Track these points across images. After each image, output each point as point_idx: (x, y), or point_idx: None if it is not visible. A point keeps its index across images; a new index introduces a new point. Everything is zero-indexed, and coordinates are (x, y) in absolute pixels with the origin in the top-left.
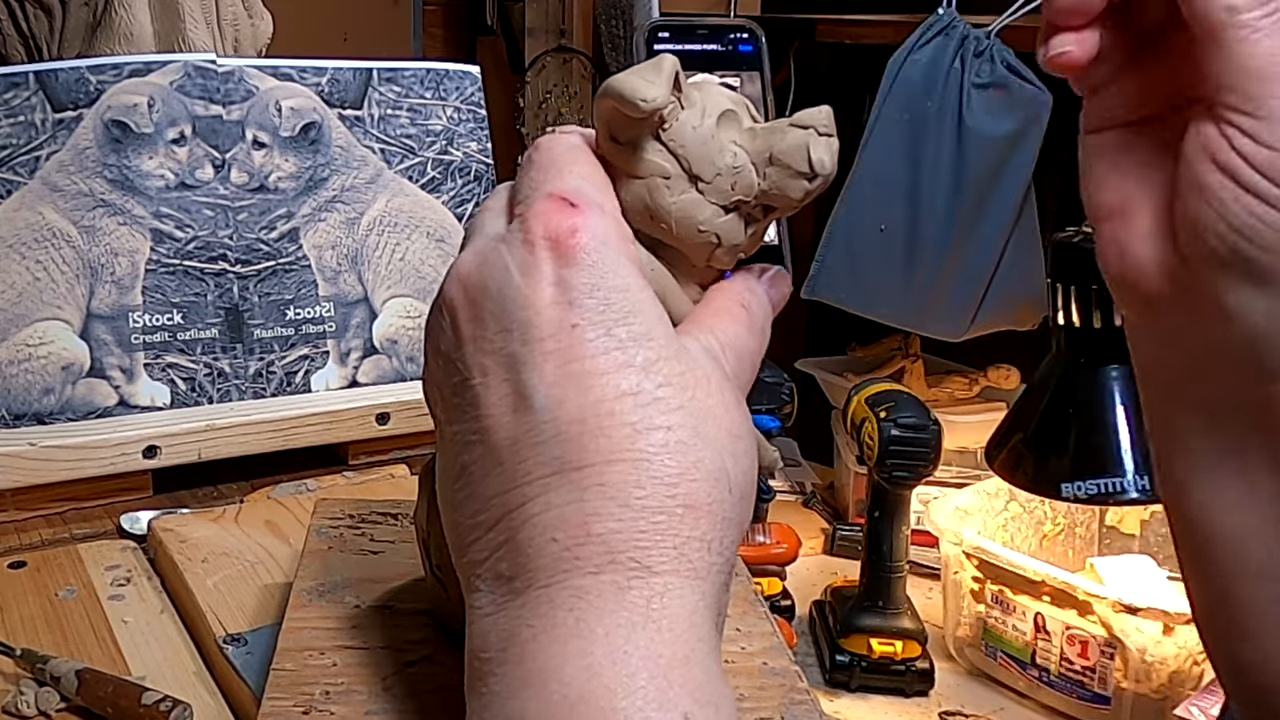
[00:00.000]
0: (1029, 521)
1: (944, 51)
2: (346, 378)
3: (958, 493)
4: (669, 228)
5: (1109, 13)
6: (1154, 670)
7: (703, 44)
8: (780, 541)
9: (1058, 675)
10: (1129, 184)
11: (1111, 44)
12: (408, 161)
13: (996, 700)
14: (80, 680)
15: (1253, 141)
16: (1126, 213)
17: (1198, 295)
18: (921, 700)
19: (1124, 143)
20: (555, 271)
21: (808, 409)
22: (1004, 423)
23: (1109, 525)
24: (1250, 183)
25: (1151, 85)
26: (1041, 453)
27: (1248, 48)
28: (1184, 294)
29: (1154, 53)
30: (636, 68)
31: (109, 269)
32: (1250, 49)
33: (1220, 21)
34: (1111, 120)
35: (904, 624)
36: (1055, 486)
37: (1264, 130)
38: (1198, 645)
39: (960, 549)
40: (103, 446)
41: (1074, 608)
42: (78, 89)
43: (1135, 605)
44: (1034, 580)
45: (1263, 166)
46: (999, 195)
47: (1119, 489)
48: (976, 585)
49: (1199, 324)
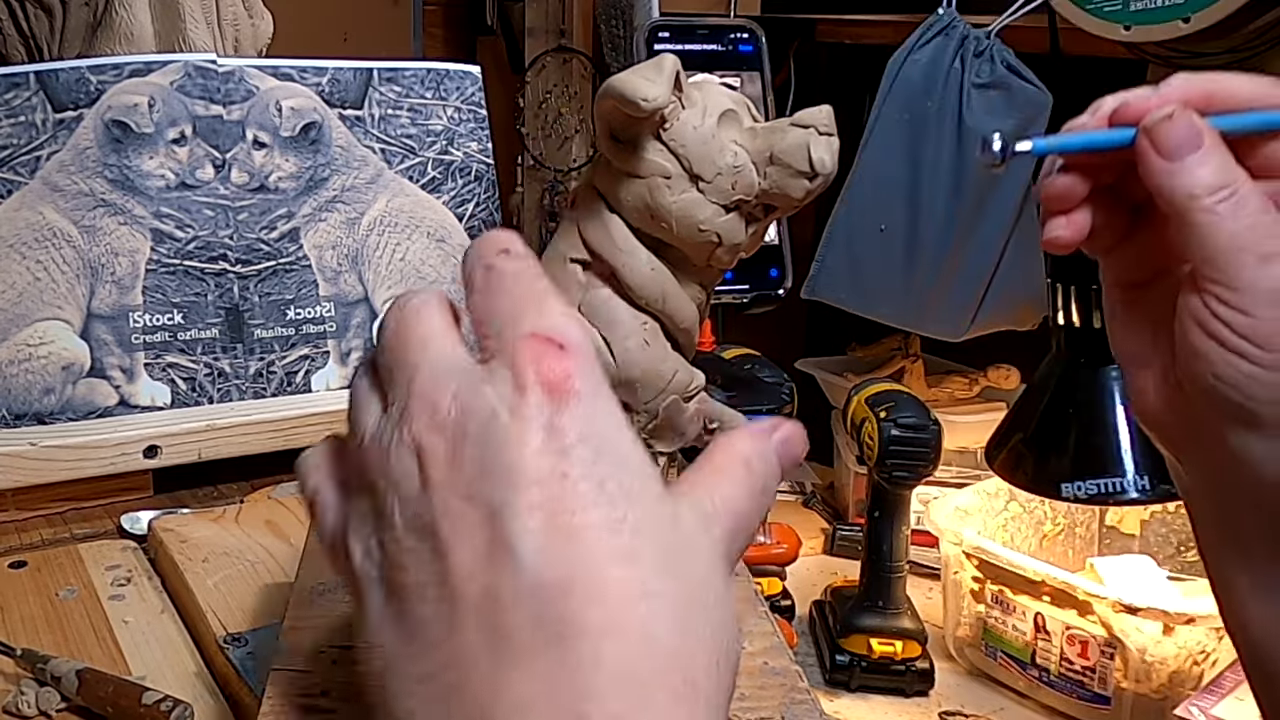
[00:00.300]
0: (1029, 521)
1: (944, 51)
2: (347, 378)
3: (958, 493)
4: (669, 227)
5: (1102, 192)
6: (1154, 670)
7: (703, 44)
8: (780, 541)
9: (1058, 675)
10: (1144, 336)
11: (1108, 218)
12: (408, 161)
13: (996, 700)
14: (81, 680)
15: (1229, 309)
16: (1145, 362)
17: (1210, 438)
18: (921, 700)
19: (1136, 299)
20: (547, 417)
21: (808, 409)
22: (1004, 423)
23: (1109, 525)
24: (1233, 345)
25: (1149, 251)
26: (1041, 453)
27: (1213, 228)
28: (1200, 436)
29: (1148, 223)
30: (637, 67)
31: (109, 269)
32: (1215, 229)
33: (1186, 206)
34: (1122, 280)
35: (904, 624)
36: (1055, 486)
37: (1238, 299)
38: (1198, 645)
39: (960, 549)
40: (103, 446)
41: (1074, 608)
42: (78, 89)
43: (1135, 605)
44: (1034, 580)
45: (1242, 330)
46: (999, 195)
47: (1119, 489)
48: (976, 585)
49: (1216, 463)
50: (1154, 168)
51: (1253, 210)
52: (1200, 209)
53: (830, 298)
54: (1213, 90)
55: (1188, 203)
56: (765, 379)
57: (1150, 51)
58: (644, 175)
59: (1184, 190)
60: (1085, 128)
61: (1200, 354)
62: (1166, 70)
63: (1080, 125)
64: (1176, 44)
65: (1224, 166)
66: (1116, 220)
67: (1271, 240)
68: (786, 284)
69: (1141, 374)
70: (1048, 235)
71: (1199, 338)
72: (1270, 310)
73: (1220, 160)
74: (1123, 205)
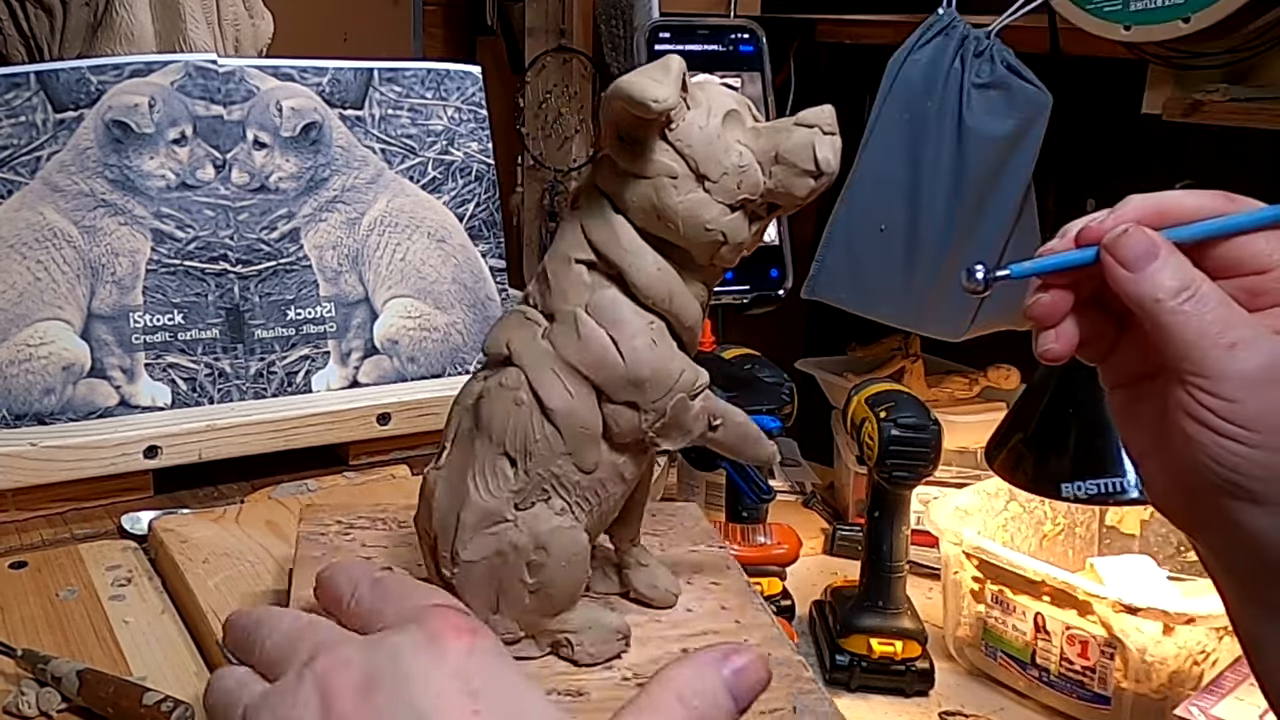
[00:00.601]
0: (1029, 521)
1: (944, 51)
2: (347, 378)
3: (958, 493)
4: (676, 227)
5: (1086, 306)
6: (1154, 670)
7: (703, 44)
8: (780, 542)
9: (1058, 675)
10: (1146, 430)
11: (1096, 328)
12: (409, 161)
13: (996, 700)
14: (81, 680)
15: (1210, 396)
16: (1151, 453)
17: (1217, 516)
18: (921, 700)
19: (1135, 397)
20: (459, 662)
21: (808, 409)
22: (1004, 423)
23: (1109, 525)
24: (1220, 429)
25: (1138, 353)
26: (1041, 453)
27: (1180, 326)
28: (1208, 515)
29: (1133, 328)
30: (644, 69)
31: (110, 269)
32: (1183, 326)
33: (1154, 309)
34: (1119, 381)
35: (904, 624)
36: (1055, 486)
37: (1215, 386)
38: (1198, 645)
39: (960, 549)
40: (103, 446)
41: (1074, 608)
42: (79, 89)
43: (1135, 605)
44: (1034, 580)
45: (1225, 415)
46: (999, 195)
47: (1119, 489)
48: (976, 585)
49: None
50: (1119, 278)
51: (1214, 305)
52: (1166, 310)
53: (830, 298)
54: (1162, 207)
55: (1154, 306)
56: (765, 379)
57: (1150, 51)
58: (650, 175)
59: (1149, 295)
60: (1055, 250)
61: (1194, 440)
62: (1166, 70)
63: (1051, 248)
64: (1176, 44)
65: (1181, 270)
66: (1104, 329)
67: (1234, 330)
68: (786, 284)
69: (1149, 464)
70: (1041, 350)
71: (1190, 425)
72: (1246, 393)
73: (1177, 265)
74: (1108, 316)
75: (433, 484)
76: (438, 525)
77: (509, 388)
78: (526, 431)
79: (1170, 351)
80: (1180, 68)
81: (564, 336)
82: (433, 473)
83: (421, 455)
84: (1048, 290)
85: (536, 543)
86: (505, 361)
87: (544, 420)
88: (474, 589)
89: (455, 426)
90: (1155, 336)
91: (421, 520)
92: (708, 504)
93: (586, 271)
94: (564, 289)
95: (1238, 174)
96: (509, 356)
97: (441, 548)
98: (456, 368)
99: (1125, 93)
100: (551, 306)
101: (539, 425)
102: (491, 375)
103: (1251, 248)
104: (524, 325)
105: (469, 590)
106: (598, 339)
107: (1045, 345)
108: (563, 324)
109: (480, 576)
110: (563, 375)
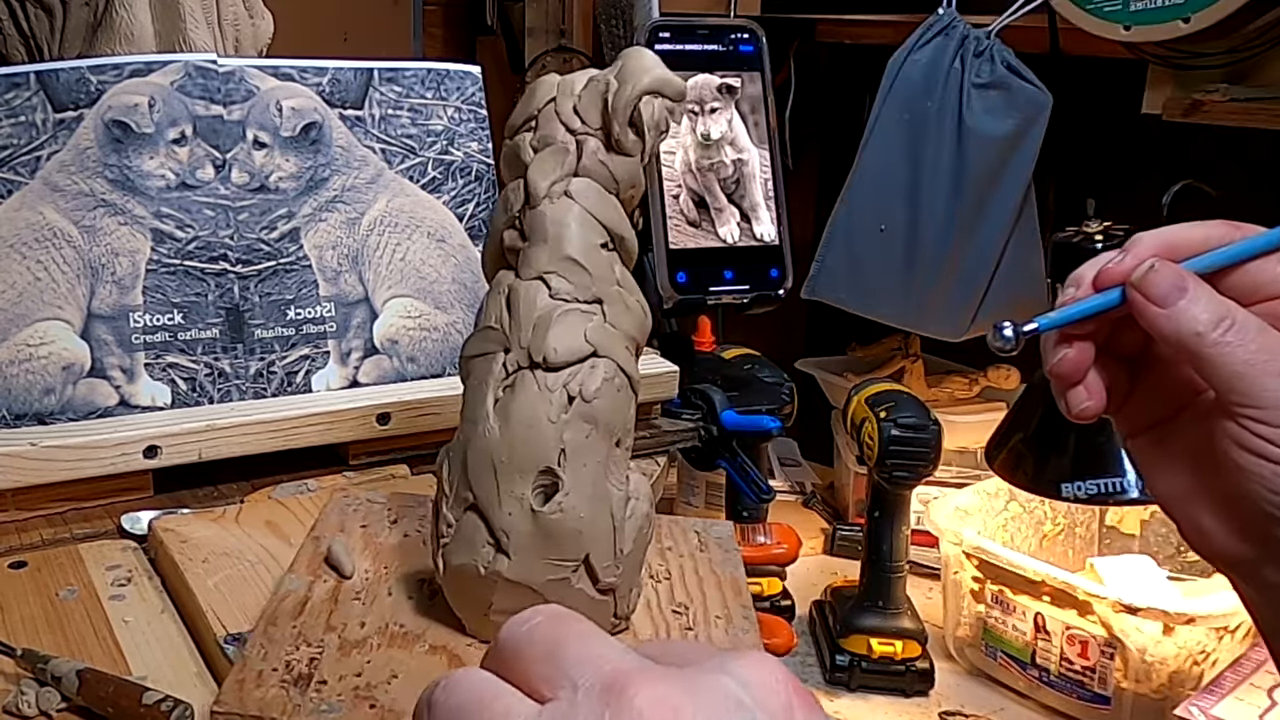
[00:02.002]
0: (1029, 521)
1: (944, 51)
2: (347, 378)
3: (958, 493)
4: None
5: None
6: (1154, 670)
7: (703, 44)
8: (780, 541)
9: (1058, 675)
10: (1182, 474)
11: (1110, 377)
12: (409, 161)
13: (996, 700)
14: (81, 680)
15: (1265, 426)
16: (1187, 496)
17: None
18: (921, 700)
19: (1159, 440)
20: None
21: (808, 409)
22: (1004, 423)
23: (1109, 525)
24: (1277, 456)
25: (1159, 394)
26: (1041, 453)
27: (1226, 358)
28: (1263, 550)
29: (1147, 370)
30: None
31: (110, 269)
32: (1229, 358)
33: (1195, 344)
34: (1141, 427)
35: (904, 624)
36: (1055, 486)
37: (1271, 415)
38: (1198, 645)
39: (960, 549)
40: (103, 446)
41: (1074, 608)
42: (78, 89)
43: (1135, 605)
44: (1034, 580)
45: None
46: (999, 195)
47: (1119, 489)
48: (976, 585)
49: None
50: (1152, 316)
51: (1255, 333)
52: (1208, 344)
53: (830, 298)
54: (1173, 241)
55: (1195, 340)
56: (765, 379)
57: (1150, 51)
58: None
59: (1188, 330)
60: (1075, 299)
61: (1250, 473)
62: (1166, 70)
63: (1070, 298)
64: (1176, 44)
65: (1213, 301)
66: (1117, 377)
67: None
68: (786, 284)
69: (1193, 510)
70: (1076, 410)
71: (1245, 458)
72: None
73: (1208, 297)
74: (1118, 363)
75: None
76: (589, 544)
77: (609, 379)
78: (625, 413)
79: (1217, 384)
80: (1180, 68)
81: (620, 314)
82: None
83: (421, 455)
84: (1070, 344)
85: (650, 501)
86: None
87: (632, 396)
88: (629, 577)
89: (559, 446)
90: (1199, 370)
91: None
92: (708, 504)
93: (605, 251)
94: (601, 273)
95: (1238, 174)
96: (593, 351)
97: (600, 560)
98: (456, 368)
99: (1125, 93)
100: (595, 293)
101: (628, 403)
102: (574, 378)
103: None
104: (584, 319)
105: (625, 581)
106: (641, 303)
107: (1081, 404)
108: (613, 304)
109: (634, 563)
110: (630, 348)
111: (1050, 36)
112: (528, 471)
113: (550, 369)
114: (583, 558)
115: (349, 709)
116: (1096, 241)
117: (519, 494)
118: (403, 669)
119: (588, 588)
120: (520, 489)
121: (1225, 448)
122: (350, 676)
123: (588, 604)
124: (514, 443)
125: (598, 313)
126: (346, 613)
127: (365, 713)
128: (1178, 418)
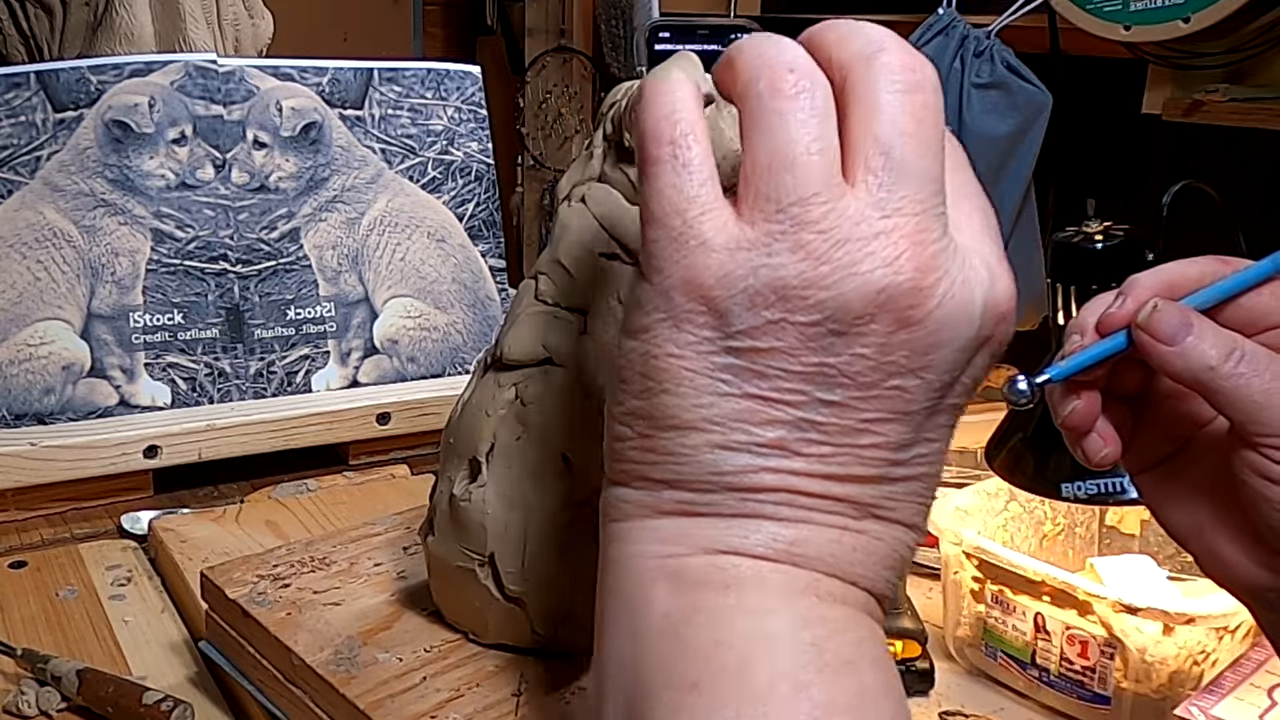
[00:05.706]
0: (1029, 521)
1: (944, 51)
2: (347, 378)
3: (958, 493)
4: None
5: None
6: (1154, 670)
7: (703, 44)
8: None
9: (1058, 675)
10: (1191, 506)
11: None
12: (408, 161)
13: (996, 700)
14: (81, 680)
15: None
16: (1203, 528)
17: None
18: (921, 700)
19: (1169, 475)
20: None
21: None
22: (1004, 423)
23: (1109, 525)
24: None
25: (1164, 429)
26: (1041, 453)
27: (1242, 389)
28: None
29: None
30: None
31: (110, 269)
32: (1244, 389)
33: (1208, 378)
34: (1149, 464)
35: (904, 624)
36: (1055, 486)
37: None
38: (1198, 645)
39: (960, 549)
40: (103, 446)
41: (1074, 608)
42: (78, 89)
43: (1135, 605)
44: (1034, 580)
45: None
46: (999, 195)
47: (1119, 489)
48: (976, 585)
49: None
50: (1161, 355)
51: (1266, 362)
52: (1223, 376)
53: None
54: (1170, 280)
55: (1208, 375)
56: None
57: (1150, 51)
58: None
59: (1200, 365)
60: (1081, 347)
61: (1274, 502)
62: (1166, 70)
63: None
64: (1176, 44)
65: (1220, 335)
66: (1122, 418)
67: None
68: None
69: (1211, 542)
70: (1096, 459)
71: (1268, 488)
72: None
73: (1214, 331)
74: (1121, 404)
75: (478, 503)
76: (494, 543)
77: (560, 389)
78: (577, 429)
79: (1235, 416)
80: (1180, 68)
81: (607, 328)
82: (468, 493)
83: (421, 455)
84: (1078, 394)
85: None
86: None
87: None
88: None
89: (489, 441)
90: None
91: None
92: None
93: (607, 260)
94: (592, 282)
95: (1238, 174)
96: (548, 358)
97: (505, 564)
98: (456, 367)
99: (1125, 93)
100: (580, 301)
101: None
102: (527, 380)
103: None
104: (550, 324)
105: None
106: None
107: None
108: (601, 317)
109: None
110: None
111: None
112: (463, 456)
113: (502, 367)
114: (488, 556)
115: None
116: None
117: (450, 475)
118: None
119: (493, 588)
120: (453, 471)
121: (1245, 477)
122: None
123: (499, 608)
124: (460, 427)
125: (574, 321)
126: None
127: None
128: (1185, 451)
